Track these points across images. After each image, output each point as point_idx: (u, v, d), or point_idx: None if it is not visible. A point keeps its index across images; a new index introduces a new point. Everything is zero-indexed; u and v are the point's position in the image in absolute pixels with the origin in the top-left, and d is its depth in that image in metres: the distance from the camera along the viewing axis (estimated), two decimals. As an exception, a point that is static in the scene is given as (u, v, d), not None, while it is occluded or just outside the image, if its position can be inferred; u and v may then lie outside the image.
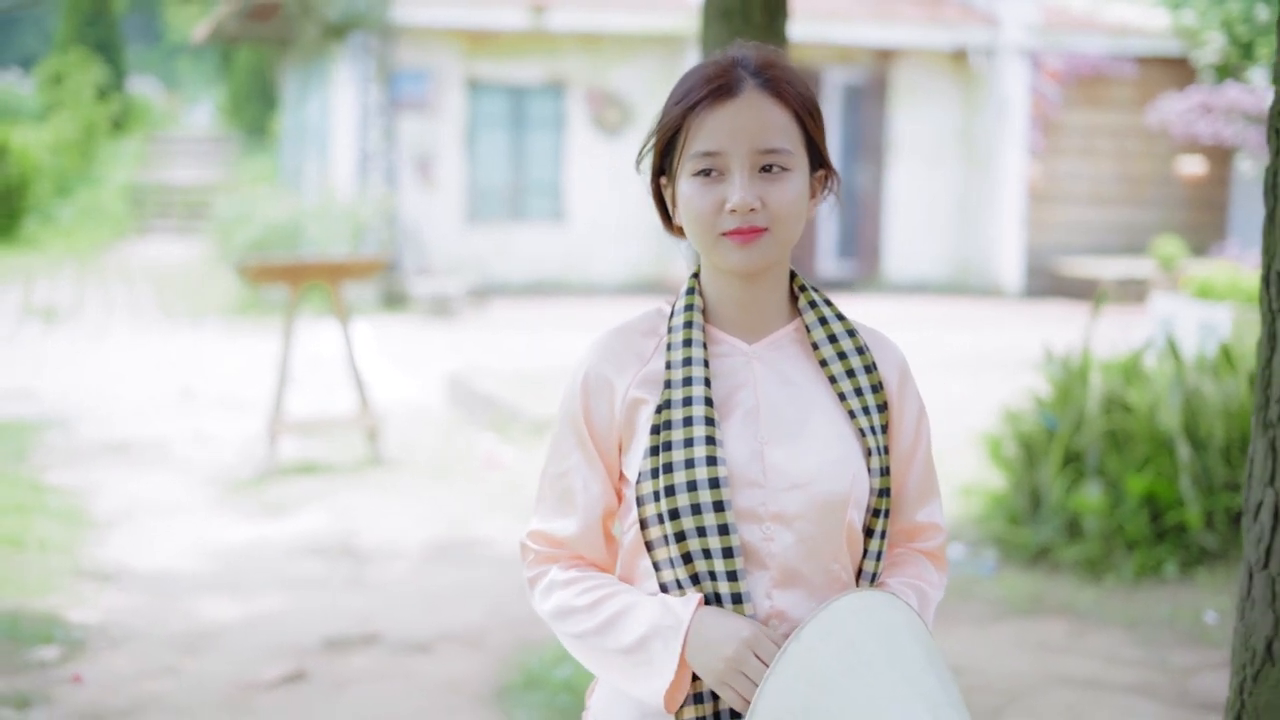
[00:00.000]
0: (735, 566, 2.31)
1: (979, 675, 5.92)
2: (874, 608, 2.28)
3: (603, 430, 2.42)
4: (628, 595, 2.37)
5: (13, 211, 24.23)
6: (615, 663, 2.35)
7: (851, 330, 2.48)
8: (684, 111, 2.35)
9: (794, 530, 2.36)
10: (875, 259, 22.24)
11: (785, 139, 2.34)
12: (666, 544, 2.33)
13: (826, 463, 2.38)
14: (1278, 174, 3.04)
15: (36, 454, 10.24)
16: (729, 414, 2.39)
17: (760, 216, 2.32)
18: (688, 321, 2.42)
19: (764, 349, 2.44)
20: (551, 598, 2.44)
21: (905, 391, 2.52)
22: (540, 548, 2.48)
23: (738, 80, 2.34)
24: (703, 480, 2.31)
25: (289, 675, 5.97)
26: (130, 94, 36.28)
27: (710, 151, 2.32)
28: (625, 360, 2.43)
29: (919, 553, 2.57)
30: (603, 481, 2.44)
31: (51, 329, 16.71)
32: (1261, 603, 3.08)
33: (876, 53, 21.94)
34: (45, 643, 6.29)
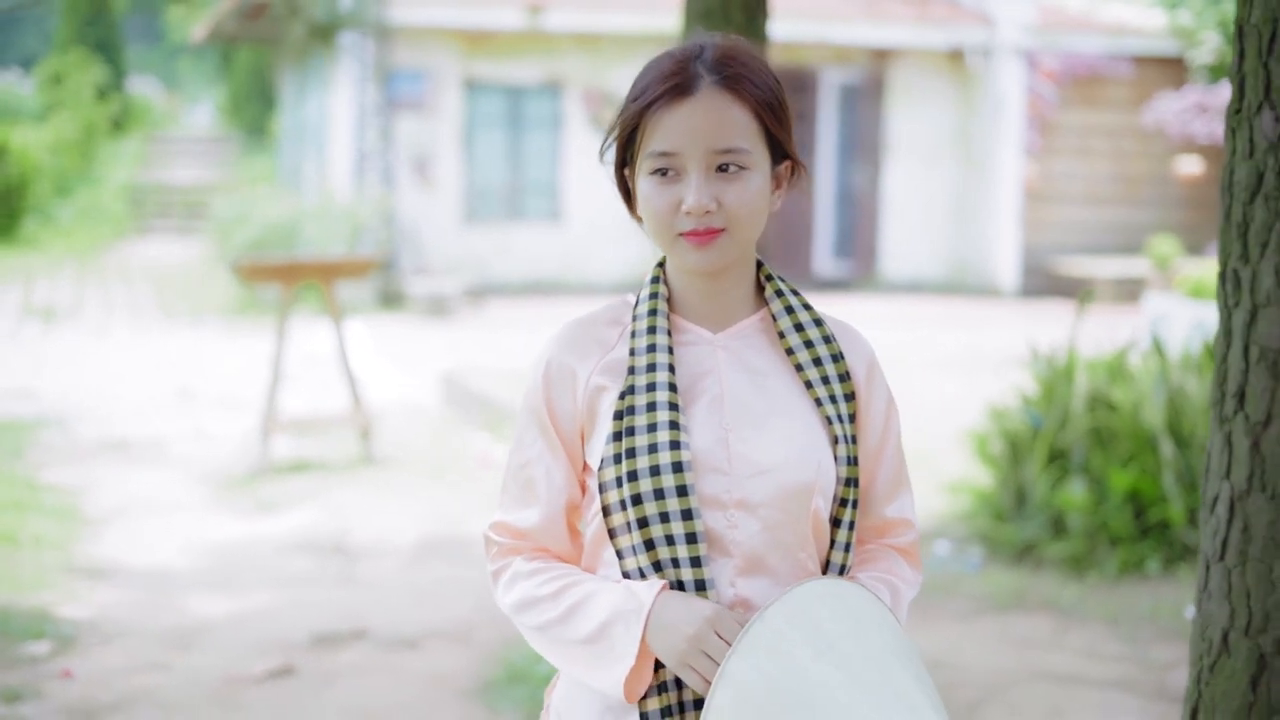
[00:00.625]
0: (698, 553, 2.29)
1: (960, 670, 5.98)
2: (844, 595, 2.26)
3: (565, 419, 2.40)
4: (590, 584, 2.35)
5: (12, 211, 24.30)
6: (577, 653, 2.33)
7: (818, 320, 2.45)
8: (641, 109, 2.33)
9: (759, 517, 2.34)
10: (872, 259, 22.29)
11: (742, 138, 2.31)
12: (629, 531, 2.31)
13: (792, 450, 2.36)
14: (1233, 173, 3.10)
15: (33, 452, 10.30)
16: (693, 401, 2.37)
17: (717, 217, 2.30)
18: (652, 309, 2.40)
19: (729, 338, 2.42)
20: (514, 590, 2.42)
21: (873, 383, 2.49)
22: (503, 540, 2.46)
23: (694, 78, 2.31)
24: (666, 465, 2.29)
25: (277, 670, 6.03)
26: (130, 94, 36.35)
27: (666, 152, 2.31)
28: (588, 349, 2.41)
29: (891, 549, 2.54)
30: (565, 471, 2.42)
31: (51, 329, 16.77)
32: (1218, 595, 3.13)
33: (873, 53, 22.00)
34: (36, 638, 6.35)
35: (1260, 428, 3.06)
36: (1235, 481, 3.09)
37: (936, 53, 22.03)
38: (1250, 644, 3.08)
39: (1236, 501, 3.09)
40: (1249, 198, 3.06)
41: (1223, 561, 3.12)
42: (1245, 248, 3.07)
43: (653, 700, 2.30)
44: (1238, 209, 3.08)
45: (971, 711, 5.55)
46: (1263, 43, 3.02)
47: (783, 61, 21.73)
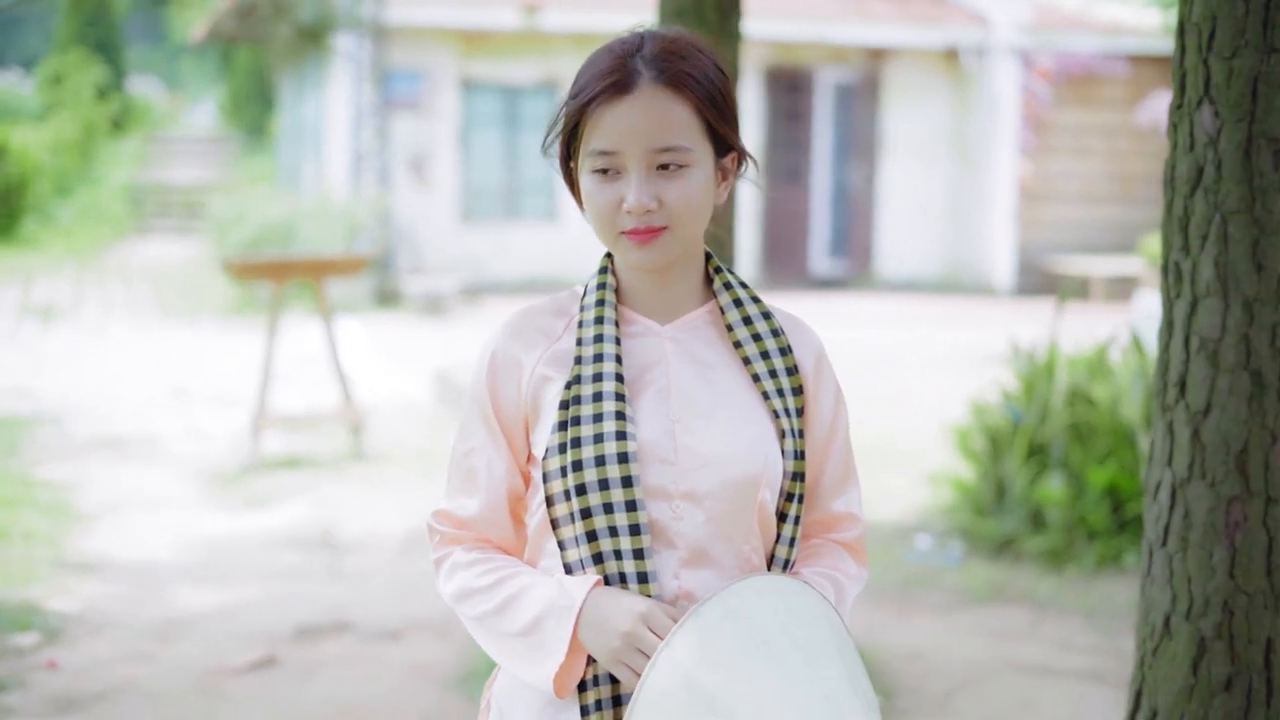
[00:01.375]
0: (641, 544, 2.28)
1: (934, 661, 6.05)
2: (784, 591, 2.24)
3: (509, 409, 2.39)
4: (527, 577, 2.34)
5: (12, 211, 24.36)
6: (511, 646, 2.33)
7: (767, 313, 2.44)
8: (580, 107, 2.31)
9: (704, 509, 2.32)
10: (867, 258, 22.36)
11: (683, 135, 2.29)
12: (572, 521, 2.30)
13: (739, 442, 2.34)
14: (1174, 167, 3.17)
15: (28, 449, 10.37)
16: (640, 392, 2.36)
17: (658, 216, 2.28)
18: (600, 300, 2.39)
19: (677, 330, 2.41)
20: (454, 580, 2.41)
21: (821, 377, 2.48)
22: (446, 529, 2.45)
23: (633, 74, 2.28)
24: (611, 455, 2.27)
25: (260, 661, 6.10)
26: (130, 94, 36.43)
27: (606, 150, 2.29)
28: (534, 339, 2.40)
29: (837, 544, 2.53)
30: (507, 462, 2.41)
31: (49, 328, 16.83)
32: (1160, 579, 3.21)
33: (868, 52, 22.06)
34: (23, 630, 6.42)
35: (1200, 416, 3.13)
36: (1176, 469, 3.17)
37: (932, 52, 22.10)
38: (1191, 627, 3.16)
39: (1178, 489, 3.17)
40: (1189, 191, 3.13)
41: (1165, 547, 3.20)
42: (1186, 240, 3.14)
43: (590, 693, 2.30)
44: (1179, 202, 3.15)
45: (944, 702, 5.62)
46: (1202, 39, 3.10)
47: (778, 61, 21.83)
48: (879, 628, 6.51)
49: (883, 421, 11.29)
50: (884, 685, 5.74)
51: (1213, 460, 3.11)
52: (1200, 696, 3.16)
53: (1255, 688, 3.14)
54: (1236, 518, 3.11)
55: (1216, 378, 3.10)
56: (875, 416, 11.56)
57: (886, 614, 6.75)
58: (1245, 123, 3.05)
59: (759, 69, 21.73)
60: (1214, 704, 3.14)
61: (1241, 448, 3.10)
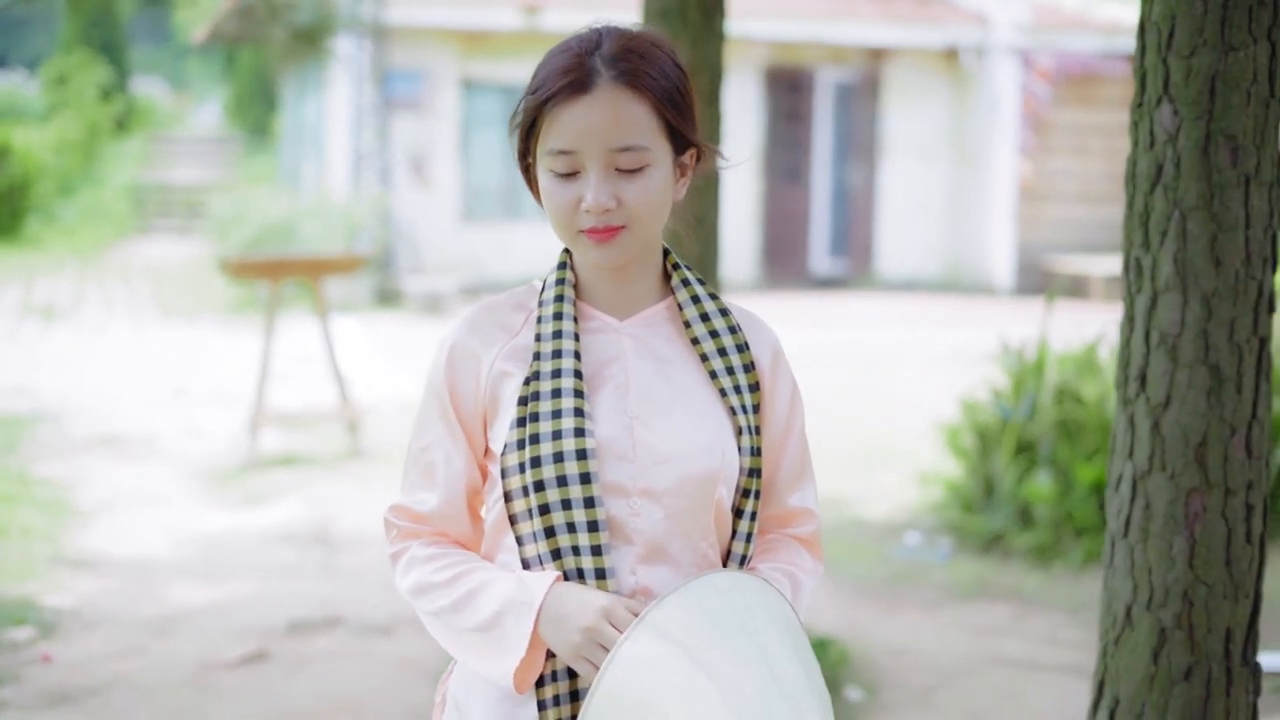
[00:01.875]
0: (600, 541, 2.28)
1: (918, 656, 6.11)
2: (743, 588, 2.24)
3: (467, 404, 2.39)
4: (485, 572, 2.34)
5: (15, 211, 24.44)
6: (470, 641, 2.33)
7: (724, 309, 2.45)
8: (538, 105, 2.30)
9: (662, 506, 2.33)
10: (867, 257, 22.41)
11: (641, 134, 2.29)
12: (530, 517, 2.30)
13: (697, 439, 2.35)
14: (1135, 164, 3.23)
15: (27, 447, 10.43)
16: (598, 388, 2.36)
17: (617, 215, 2.29)
18: (559, 296, 2.39)
19: (635, 326, 2.42)
20: (411, 575, 2.41)
21: (778, 373, 2.49)
22: (403, 523, 2.45)
23: (591, 73, 2.28)
24: (570, 452, 2.28)
25: (251, 655, 6.16)
26: (134, 94, 36.52)
27: (564, 150, 2.28)
28: (492, 334, 2.40)
29: (793, 539, 2.54)
30: (465, 456, 2.41)
31: (50, 327, 16.89)
32: (1122, 570, 3.26)
33: (868, 52, 22.12)
34: (18, 625, 6.48)
35: (1160, 409, 3.18)
36: (1137, 461, 3.22)
37: (932, 52, 22.15)
38: (1151, 618, 3.21)
39: (1139, 480, 3.22)
40: (1150, 188, 3.18)
41: (1126, 538, 3.25)
42: (1146, 236, 3.19)
43: (548, 689, 2.30)
44: (1139, 199, 3.21)
45: (926, 696, 5.68)
46: (1162, 39, 3.15)
47: (778, 61, 21.88)
48: (865, 623, 6.57)
49: (877, 420, 11.36)
50: (868, 679, 5.81)
51: (1172, 453, 3.17)
52: (1161, 685, 3.21)
53: (1215, 677, 3.20)
54: (1196, 509, 3.16)
55: (1176, 371, 3.16)
56: (870, 416, 11.64)
57: (873, 609, 6.81)
58: (1203, 121, 3.11)
59: (759, 69, 21.78)
60: (1174, 693, 3.20)
61: (1201, 440, 3.15)
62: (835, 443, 10.53)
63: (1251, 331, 3.15)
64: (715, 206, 5.67)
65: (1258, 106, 3.11)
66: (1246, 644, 3.23)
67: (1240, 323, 3.14)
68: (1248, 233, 3.12)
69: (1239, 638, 3.21)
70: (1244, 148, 3.11)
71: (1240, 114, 3.10)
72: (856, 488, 9.14)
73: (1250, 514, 3.18)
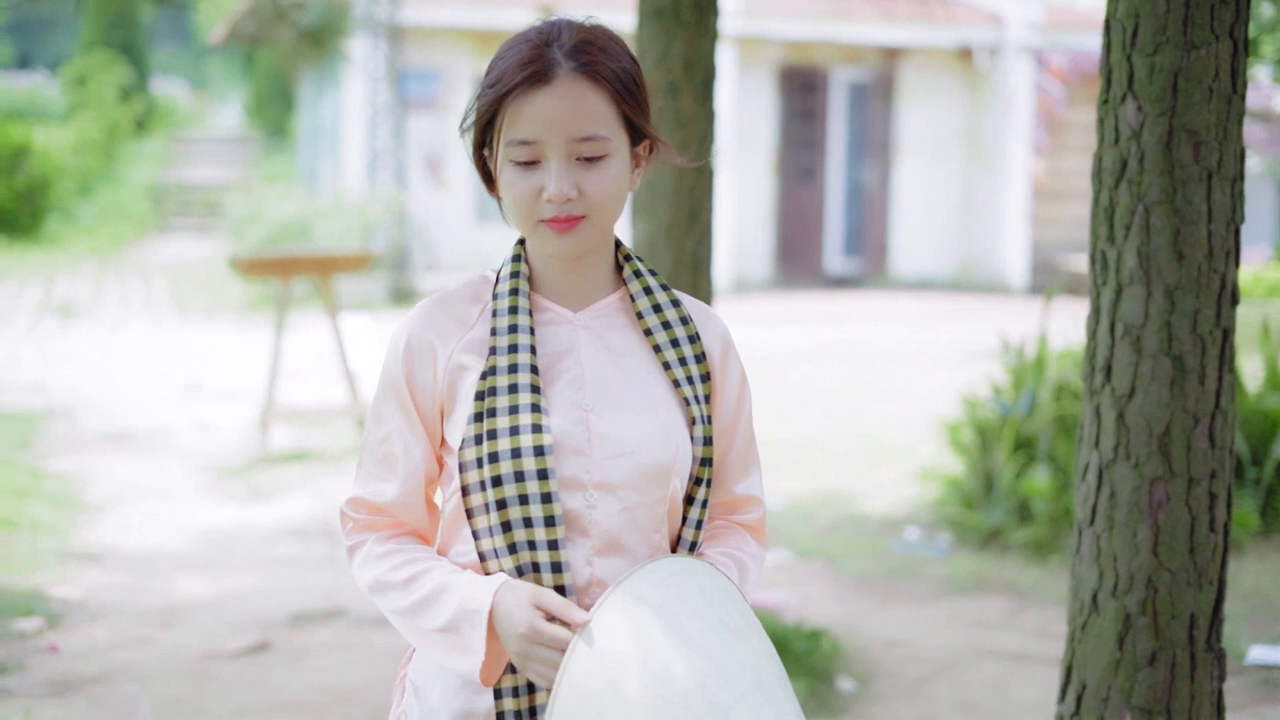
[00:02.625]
0: (556, 535, 2.31)
1: (911, 648, 6.17)
2: (693, 572, 2.28)
3: (425, 396, 2.41)
4: (439, 573, 2.36)
5: (36, 210, 24.56)
6: (432, 640, 2.35)
7: (675, 300, 2.48)
8: (499, 96, 2.33)
9: (618, 498, 2.36)
10: (882, 256, 22.45)
11: (601, 124, 2.33)
12: (487, 512, 2.33)
13: (651, 431, 2.38)
14: (1101, 159, 3.29)
15: (40, 442, 10.54)
16: (553, 381, 2.39)
17: (578, 205, 2.32)
18: (513, 289, 2.41)
19: (589, 317, 2.44)
20: (368, 571, 2.42)
21: (728, 363, 2.51)
22: (360, 515, 2.47)
23: (551, 64, 2.31)
24: (527, 448, 2.31)
25: (253, 646, 6.25)
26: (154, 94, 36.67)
27: (526, 140, 2.31)
28: (448, 327, 2.42)
29: (739, 525, 2.57)
30: (424, 446, 2.43)
31: (68, 325, 17.01)
32: (1088, 558, 3.32)
33: (882, 51, 22.16)
34: (26, 615, 6.58)
35: (1125, 400, 3.25)
36: (1103, 451, 3.29)
37: (945, 51, 22.18)
38: (1117, 604, 3.27)
39: (1104, 470, 3.29)
40: (1114, 183, 3.25)
41: (1092, 526, 3.31)
42: (1111, 230, 3.26)
43: (507, 678, 2.34)
44: (1104, 194, 3.27)
45: (918, 688, 5.74)
46: (1126, 36, 3.21)
47: (792, 60, 21.93)
48: (860, 615, 6.64)
49: (882, 418, 11.42)
50: (861, 670, 5.87)
51: (1136, 442, 3.23)
52: (1126, 671, 3.27)
53: (1179, 662, 3.26)
54: (1160, 497, 3.22)
55: (1140, 363, 3.22)
56: (875, 413, 11.69)
57: (869, 603, 6.87)
58: (1166, 117, 3.17)
59: (773, 69, 21.84)
60: (1139, 678, 3.26)
61: (1164, 430, 3.21)
62: (839, 439, 10.60)
63: (1214, 323, 3.21)
64: (709, 203, 5.72)
65: (1220, 103, 3.17)
66: (1211, 630, 3.29)
67: (1203, 315, 3.20)
68: (1210, 226, 3.19)
69: (1203, 624, 3.27)
70: (1206, 143, 3.17)
71: (1202, 110, 3.16)
72: (858, 484, 9.20)
73: (1214, 503, 3.25)
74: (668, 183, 5.62)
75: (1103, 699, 3.30)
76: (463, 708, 2.38)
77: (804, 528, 8.14)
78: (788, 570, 7.36)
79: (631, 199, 5.64)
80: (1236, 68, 3.18)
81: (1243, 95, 3.21)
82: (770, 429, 10.84)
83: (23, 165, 24.17)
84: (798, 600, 6.57)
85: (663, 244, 5.64)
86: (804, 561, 7.52)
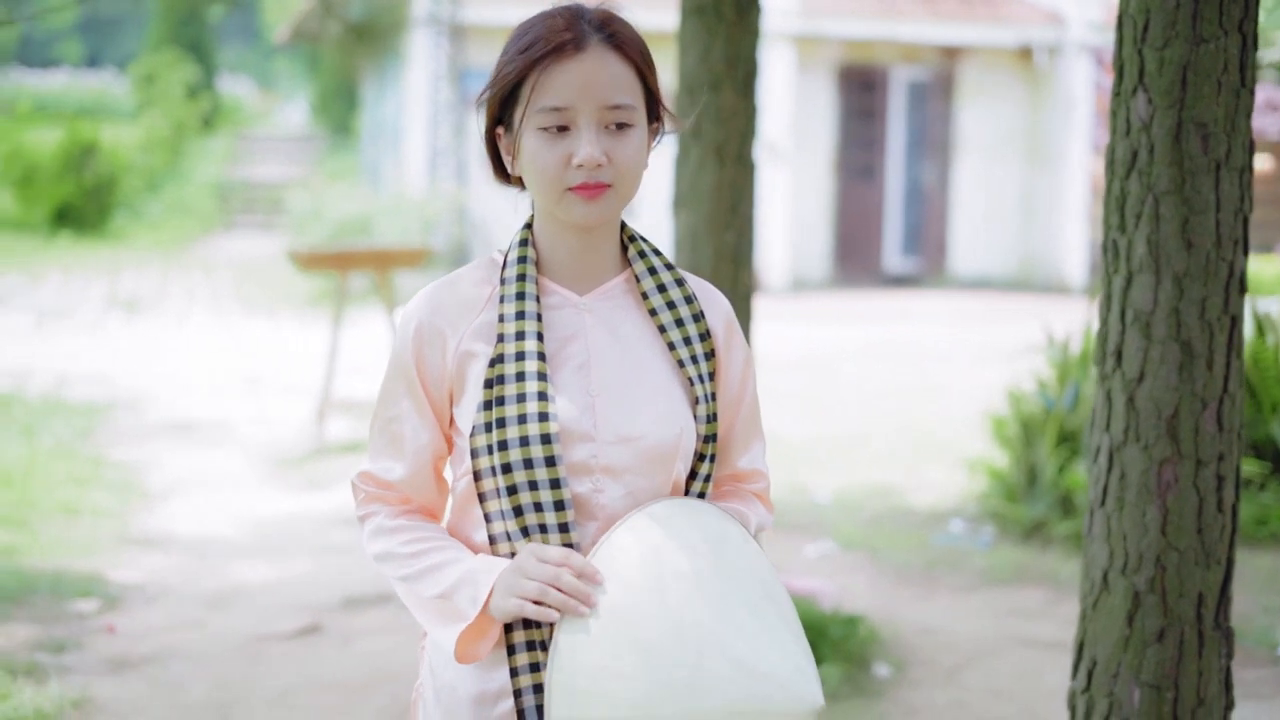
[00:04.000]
0: (566, 519, 2.35)
1: (946, 635, 6.26)
2: (700, 510, 2.39)
3: (434, 380, 2.44)
4: (450, 551, 2.42)
5: (103, 207, 24.91)
6: (429, 606, 2.39)
7: (680, 280, 2.51)
8: (529, 63, 2.35)
9: (623, 483, 2.41)
10: (941, 255, 22.48)
11: (630, 94, 2.37)
12: (499, 496, 2.37)
13: (656, 415, 2.42)
14: (1114, 151, 3.38)
15: (103, 433, 10.76)
16: (560, 366, 2.42)
17: (606, 172, 2.35)
18: (520, 274, 2.44)
19: (595, 300, 2.48)
20: (378, 542, 2.48)
21: (732, 340, 2.55)
22: (369, 488, 2.52)
23: (584, 34, 2.35)
24: (535, 436, 2.34)
25: (305, 628, 6.40)
26: (220, 93, 37.05)
27: (559, 106, 2.34)
28: (457, 312, 2.45)
29: (747, 491, 2.64)
30: (432, 429, 2.47)
31: (133, 319, 17.29)
32: (1099, 538, 3.42)
33: (942, 51, 22.20)
34: (85, 597, 6.76)
35: (1135, 384, 3.34)
36: (1113, 433, 3.38)
37: (1006, 50, 22.19)
38: (1126, 582, 3.37)
39: (1114, 452, 3.38)
40: (1125, 173, 3.34)
41: (1103, 507, 3.41)
42: (1122, 219, 3.35)
43: (521, 656, 2.36)
44: (1116, 184, 3.36)
45: (951, 674, 5.83)
46: (1137, 30, 3.30)
47: (851, 60, 21.99)
48: (899, 604, 6.73)
49: (931, 413, 11.49)
50: (897, 657, 5.96)
51: (1145, 425, 3.32)
52: (1135, 647, 3.36)
53: (1187, 639, 3.35)
54: (1168, 479, 3.31)
55: (1149, 348, 3.31)
56: (927, 409, 11.76)
57: (909, 592, 6.96)
58: (1175, 109, 3.26)
59: (832, 68, 21.91)
60: (1148, 654, 3.35)
61: (1172, 413, 3.30)
62: (888, 435, 10.68)
63: (1222, 310, 3.30)
64: (750, 196, 5.82)
65: (1228, 95, 3.26)
66: (1219, 608, 3.37)
67: (1211, 302, 3.29)
68: (1218, 216, 3.27)
69: (1211, 602, 3.36)
70: (1215, 135, 3.26)
71: (1211, 102, 3.25)
72: (905, 478, 9.29)
73: (1222, 484, 3.33)
74: (709, 176, 5.73)
75: (1113, 674, 3.39)
76: (476, 687, 2.42)
77: (849, 520, 8.23)
78: (831, 561, 7.46)
79: (673, 191, 5.78)
80: (1245, 61, 3.27)
81: (1251, 89, 3.29)
82: (819, 425, 10.94)
83: (91, 163, 24.52)
84: (835, 588, 6.66)
85: (703, 236, 5.75)
86: (847, 553, 7.62)
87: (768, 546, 7.20)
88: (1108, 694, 3.40)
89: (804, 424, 10.86)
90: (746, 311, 5.87)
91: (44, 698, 5.48)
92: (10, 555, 7.36)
